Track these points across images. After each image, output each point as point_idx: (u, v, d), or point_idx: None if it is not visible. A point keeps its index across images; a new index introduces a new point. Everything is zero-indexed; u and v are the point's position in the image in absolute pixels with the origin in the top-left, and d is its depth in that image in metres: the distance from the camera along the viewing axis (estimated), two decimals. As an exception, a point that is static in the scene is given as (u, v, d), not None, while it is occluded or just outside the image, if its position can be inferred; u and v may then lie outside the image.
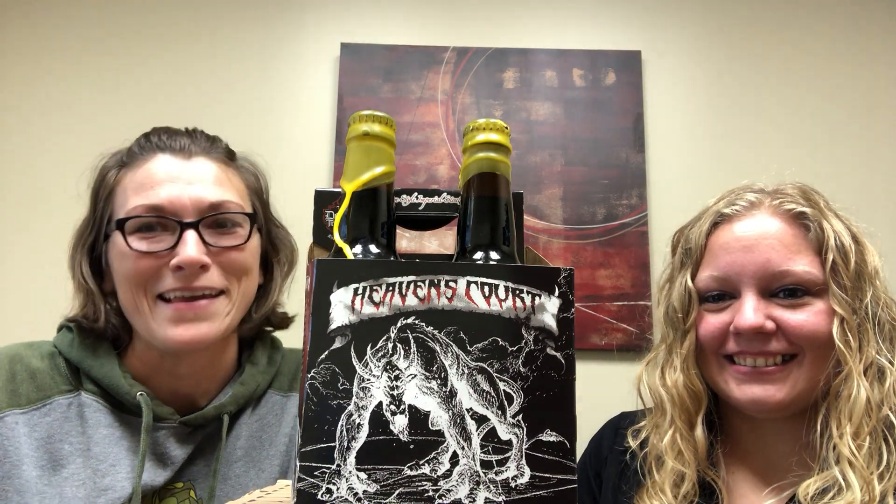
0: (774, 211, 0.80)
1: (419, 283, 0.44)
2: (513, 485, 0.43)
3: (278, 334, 0.96)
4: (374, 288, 0.44)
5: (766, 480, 0.80)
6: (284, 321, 0.94)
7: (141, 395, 0.78)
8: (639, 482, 0.84)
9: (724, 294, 0.80)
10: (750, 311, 0.76)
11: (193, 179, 0.79)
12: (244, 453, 0.83)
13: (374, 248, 0.49)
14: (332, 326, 0.43)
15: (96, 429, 0.78)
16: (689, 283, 0.82)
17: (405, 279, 0.44)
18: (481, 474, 0.43)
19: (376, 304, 0.44)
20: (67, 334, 0.83)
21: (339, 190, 0.50)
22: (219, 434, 0.82)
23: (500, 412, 0.44)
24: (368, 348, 0.43)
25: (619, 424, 0.94)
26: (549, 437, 0.44)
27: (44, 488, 0.74)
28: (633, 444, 0.86)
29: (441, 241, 0.58)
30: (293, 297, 0.93)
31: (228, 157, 0.86)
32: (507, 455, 0.43)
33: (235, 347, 0.89)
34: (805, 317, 0.75)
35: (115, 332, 0.83)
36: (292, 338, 0.90)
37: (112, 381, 0.79)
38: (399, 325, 0.44)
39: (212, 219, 0.78)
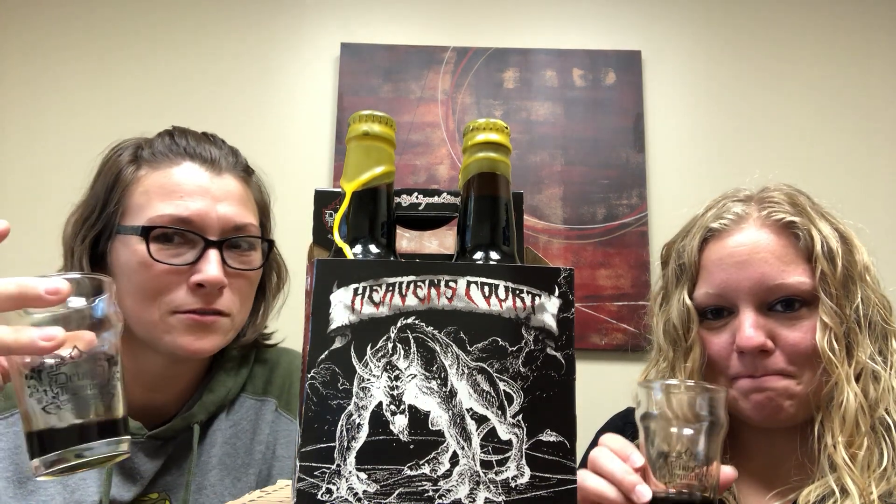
0: (763, 223, 0.79)
1: (419, 283, 0.44)
2: (513, 485, 0.43)
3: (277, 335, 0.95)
4: (374, 288, 0.44)
5: (770, 484, 0.80)
6: (266, 340, 0.93)
7: None
8: None
9: (722, 310, 0.80)
10: (750, 329, 0.75)
11: (221, 196, 0.78)
12: (219, 461, 0.81)
13: (374, 248, 0.49)
14: (332, 326, 0.43)
15: None
16: (688, 300, 0.82)
17: (405, 279, 0.44)
18: (481, 474, 0.43)
19: (376, 304, 0.44)
20: None
21: (339, 190, 0.50)
22: (191, 443, 0.80)
23: (500, 412, 0.44)
24: (368, 348, 0.43)
25: (628, 418, 0.95)
26: (549, 437, 0.44)
27: (9, 501, 0.72)
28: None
29: (441, 241, 0.58)
30: (293, 297, 0.93)
31: (247, 173, 0.86)
32: (507, 455, 0.43)
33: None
34: (801, 333, 0.75)
35: None
36: (293, 338, 0.90)
37: None
38: (399, 325, 0.44)
39: (233, 240, 0.78)
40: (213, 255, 0.76)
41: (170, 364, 0.80)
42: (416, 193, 0.56)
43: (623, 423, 0.94)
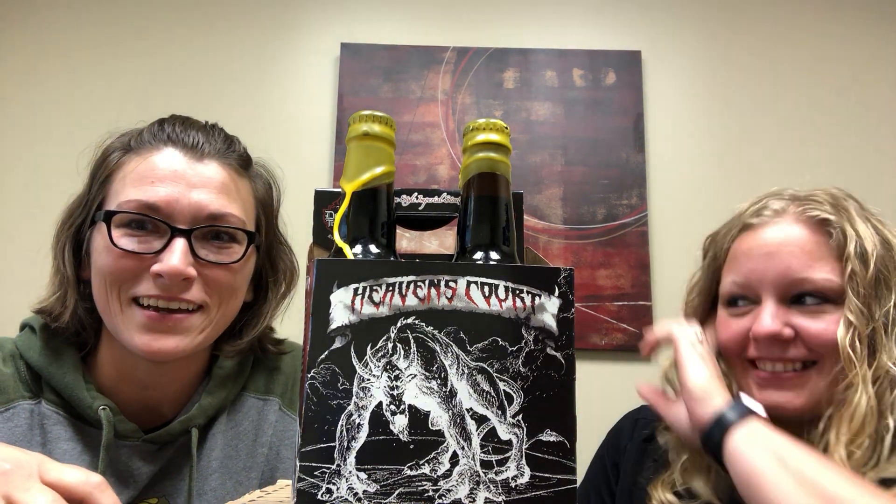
0: (798, 218, 0.80)
1: (419, 283, 0.44)
2: (513, 485, 0.43)
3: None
4: (374, 288, 0.44)
5: None
6: (276, 345, 0.88)
7: (103, 409, 0.73)
8: (657, 471, 0.85)
9: (745, 299, 0.80)
10: (768, 317, 0.76)
11: (198, 183, 0.73)
12: (220, 464, 0.79)
13: (374, 248, 0.49)
14: (332, 326, 0.43)
15: (56, 443, 0.73)
16: (712, 286, 0.85)
17: (405, 279, 0.44)
18: (481, 474, 0.43)
19: (376, 304, 0.44)
20: (31, 335, 0.78)
21: (339, 190, 0.50)
22: (191, 447, 0.77)
23: (500, 412, 0.44)
24: (368, 348, 0.43)
25: (638, 416, 0.95)
26: (549, 437, 0.44)
27: None
28: (661, 439, 0.86)
29: (441, 241, 0.58)
30: (293, 297, 0.92)
31: (243, 164, 0.81)
32: (507, 455, 0.43)
33: (209, 352, 0.83)
34: (825, 325, 0.75)
35: (79, 332, 0.77)
36: (292, 338, 0.90)
37: (73, 393, 0.74)
38: (399, 325, 0.44)
39: (207, 230, 0.74)
40: (178, 244, 0.71)
41: (151, 363, 0.76)
42: (416, 193, 0.56)
43: (633, 422, 0.95)
